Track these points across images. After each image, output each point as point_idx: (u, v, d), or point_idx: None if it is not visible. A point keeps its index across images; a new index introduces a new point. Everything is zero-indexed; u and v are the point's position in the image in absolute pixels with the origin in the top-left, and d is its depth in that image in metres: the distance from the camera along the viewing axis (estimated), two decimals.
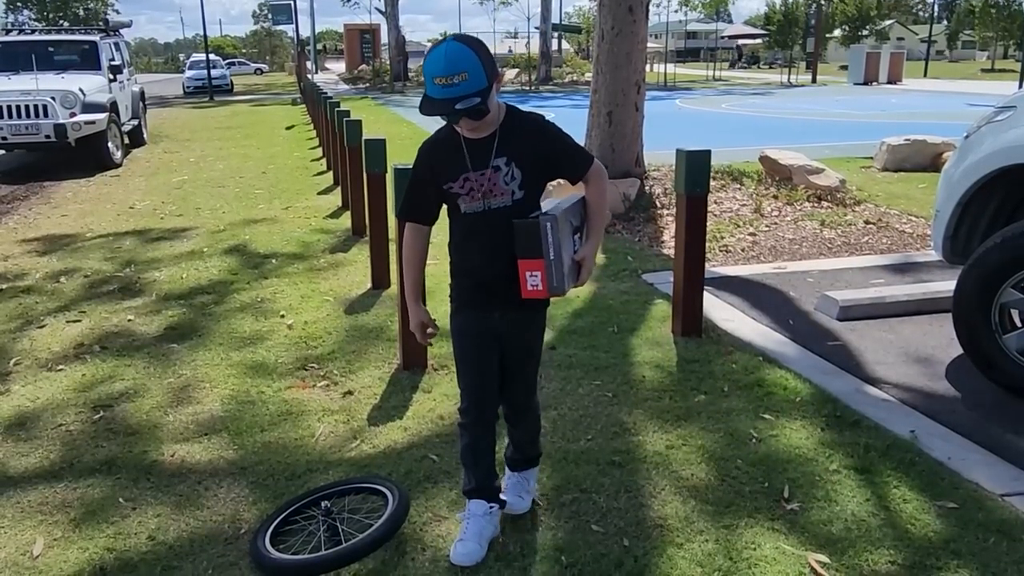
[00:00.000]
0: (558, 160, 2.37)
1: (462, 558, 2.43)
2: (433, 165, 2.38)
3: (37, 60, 11.50)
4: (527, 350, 2.55)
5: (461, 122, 2.26)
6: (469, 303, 2.50)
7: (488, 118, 2.26)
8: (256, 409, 3.59)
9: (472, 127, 2.28)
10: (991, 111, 4.07)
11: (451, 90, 2.13)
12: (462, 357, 2.52)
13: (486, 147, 2.31)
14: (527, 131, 2.33)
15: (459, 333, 2.52)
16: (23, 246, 6.86)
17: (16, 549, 2.60)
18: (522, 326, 2.50)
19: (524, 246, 2.28)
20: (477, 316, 2.48)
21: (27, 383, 3.92)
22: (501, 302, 2.42)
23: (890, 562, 2.46)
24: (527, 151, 2.31)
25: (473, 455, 2.53)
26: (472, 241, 2.44)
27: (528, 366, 2.58)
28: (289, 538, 2.58)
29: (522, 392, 2.59)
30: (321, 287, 5.44)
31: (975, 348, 3.69)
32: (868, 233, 6.71)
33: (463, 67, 2.12)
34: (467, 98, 2.13)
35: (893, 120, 16.79)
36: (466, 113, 2.17)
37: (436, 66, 2.14)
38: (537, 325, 2.55)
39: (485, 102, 2.16)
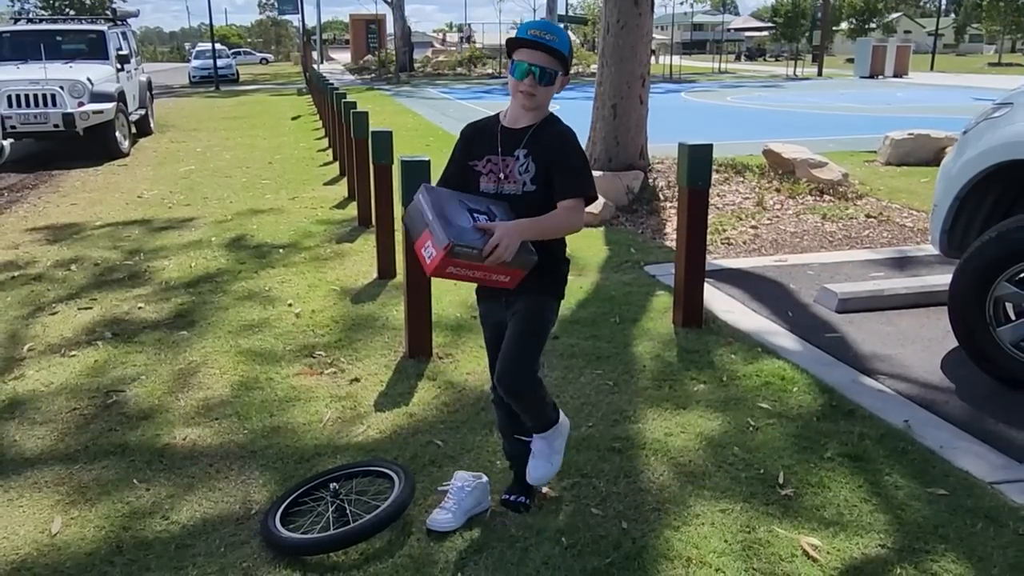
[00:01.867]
0: (558, 170, 2.40)
1: (434, 524, 2.60)
2: (468, 145, 2.54)
3: (45, 49, 11.57)
4: (514, 323, 2.48)
5: (523, 83, 2.37)
6: (483, 294, 2.65)
7: (538, 101, 2.40)
8: (265, 395, 3.67)
9: (528, 94, 2.38)
10: (989, 107, 4.13)
11: (542, 40, 2.34)
12: (486, 342, 2.71)
13: (516, 137, 2.44)
14: (554, 135, 2.44)
15: (480, 319, 2.73)
16: (33, 234, 6.95)
17: (35, 527, 2.69)
18: (520, 305, 2.50)
19: (411, 226, 2.36)
20: (489, 306, 2.64)
21: (41, 368, 4.01)
22: (507, 291, 2.48)
23: (880, 545, 2.54)
24: (545, 151, 2.42)
25: (501, 429, 2.78)
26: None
27: (514, 339, 2.46)
28: (298, 518, 2.67)
29: (506, 368, 2.44)
30: (328, 276, 5.52)
31: (970, 340, 3.76)
32: (869, 227, 6.76)
33: (557, 34, 2.37)
34: (551, 55, 2.34)
35: (898, 114, 16.80)
36: (539, 71, 2.34)
37: (535, 24, 2.41)
38: (535, 304, 2.50)
39: (555, 76, 2.37)
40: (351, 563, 2.48)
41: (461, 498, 2.67)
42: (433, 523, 2.62)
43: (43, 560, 2.52)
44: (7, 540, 2.62)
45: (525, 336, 2.47)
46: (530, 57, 2.35)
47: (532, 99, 2.39)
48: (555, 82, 2.39)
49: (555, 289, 2.56)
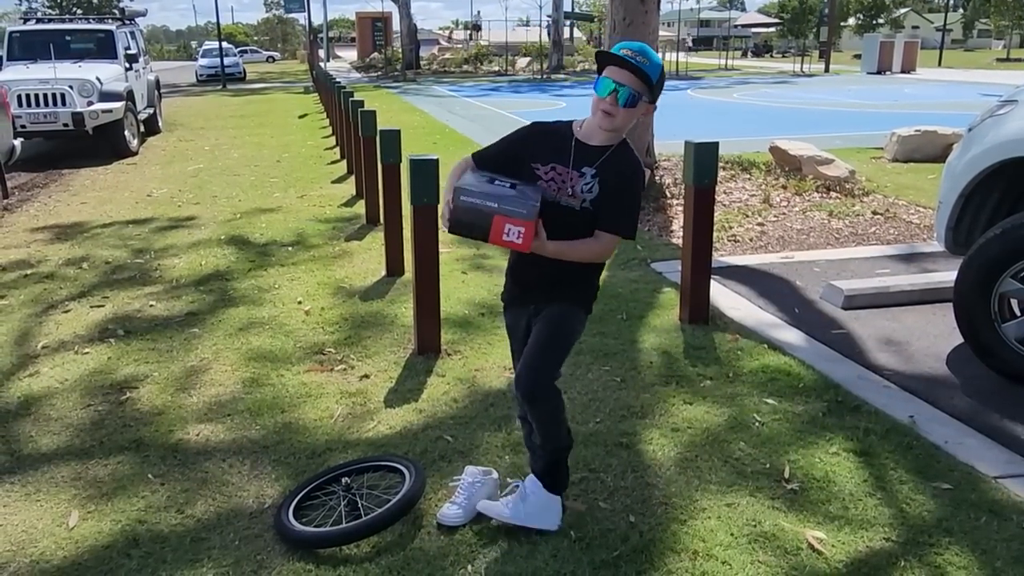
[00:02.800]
0: (614, 202, 2.38)
1: (444, 517, 2.65)
2: (533, 144, 2.47)
3: (55, 49, 11.65)
4: (541, 328, 2.50)
5: (604, 100, 2.32)
6: (510, 302, 2.68)
7: (616, 123, 2.35)
8: (275, 391, 3.72)
9: (608, 115, 2.33)
10: (994, 104, 4.15)
11: (633, 60, 2.29)
12: (513, 353, 2.74)
13: (590, 155, 2.39)
14: (626, 167, 2.41)
15: (508, 330, 2.76)
16: (44, 233, 7.01)
17: (52, 521, 2.74)
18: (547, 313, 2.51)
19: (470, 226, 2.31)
20: (516, 314, 2.67)
21: (55, 365, 4.07)
22: (536, 299, 2.53)
23: (884, 539, 2.58)
24: (612, 178, 2.38)
25: (528, 445, 2.74)
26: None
27: (537, 344, 2.48)
28: (311, 512, 2.71)
29: (524, 372, 2.47)
30: (337, 274, 5.56)
31: (975, 336, 3.78)
32: (876, 224, 6.78)
33: (650, 58, 2.32)
34: (639, 78, 2.29)
35: (905, 110, 16.77)
36: (623, 91, 2.29)
37: (631, 44, 2.34)
38: (563, 313, 2.50)
39: (639, 100, 2.32)
40: (363, 556, 2.52)
41: (471, 493, 2.70)
42: (443, 517, 2.66)
43: (61, 553, 2.57)
44: (25, 534, 2.67)
45: (548, 342, 2.48)
46: (618, 76, 2.30)
47: (610, 120, 2.33)
48: (637, 106, 2.32)
49: (585, 300, 2.55)
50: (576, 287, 2.50)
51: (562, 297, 2.50)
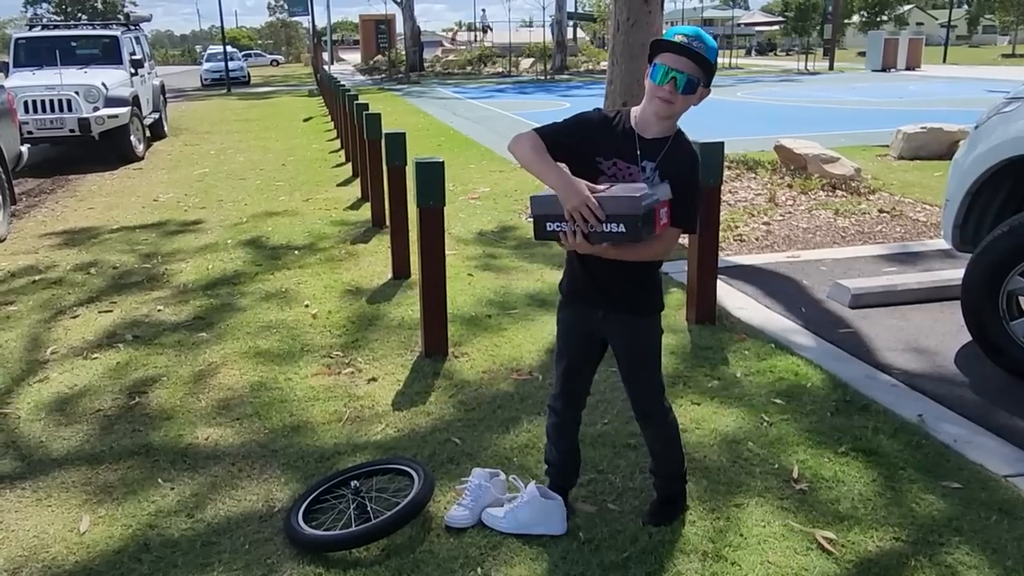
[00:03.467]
0: (678, 196, 2.32)
1: (452, 520, 2.66)
2: (596, 134, 2.39)
3: (60, 55, 11.69)
4: (627, 357, 2.53)
5: (662, 88, 2.25)
6: (574, 298, 2.53)
7: (674, 110, 2.29)
8: (284, 395, 3.73)
9: (666, 101, 2.27)
10: (1001, 101, 4.14)
11: (690, 47, 2.23)
12: (566, 348, 2.61)
13: (651, 149, 2.33)
14: (686, 158, 2.35)
15: (561, 323, 2.61)
16: (52, 239, 7.04)
17: (64, 526, 2.75)
18: (626, 332, 2.49)
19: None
20: (579, 312, 2.53)
21: (64, 370, 4.08)
22: (605, 301, 2.45)
23: (894, 539, 2.57)
24: (673, 171, 2.32)
25: (557, 432, 2.71)
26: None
27: (632, 373, 2.55)
28: (320, 516, 2.72)
29: (640, 397, 2.58)
30: (343, 277, 5.57)
31: (983, 335, 3.77)
32: (882, 222, 6.77)
33: (706, 42, 2.26)
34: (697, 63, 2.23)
35: (910, 107, 16.73)
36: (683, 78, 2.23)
37: (686, 29, 2.27)
38: (644, 331, 2.51)
39: (698, 86, 2.26)
40: (373, 559, 2.53)
41: (479, 495, 2.71)
42: (451, 519, 2.67)
43: (73, 558, 2.58)
44: (37, 539, 2.69)
45: (646, 361, 2.54)
46: (674, 63, 2.22)
47: (669, 107, 2.27)
48: (695, 92, 2.27)
49: (656, 303, 2.51)
50: (645, 288, 2.45)
51: (634, 304, 2.44)
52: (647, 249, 2.31)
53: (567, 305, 2.57)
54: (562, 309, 2.60)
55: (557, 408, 2.68)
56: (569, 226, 2.22)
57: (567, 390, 2.65)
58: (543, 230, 2.29)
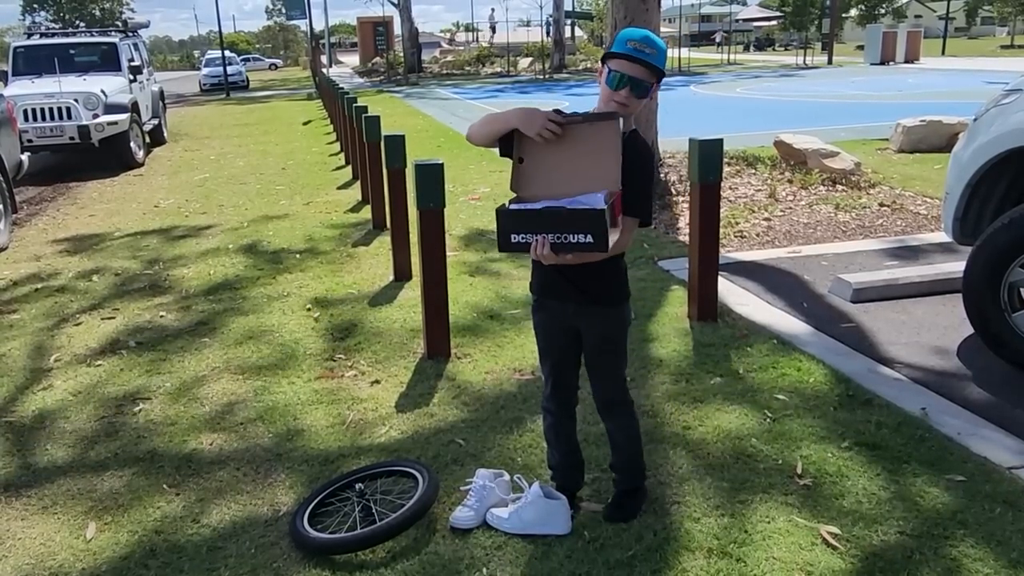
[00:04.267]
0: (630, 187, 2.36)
1: (456, 521, 2.66)
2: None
3: (59, 63, 11.71)
4: (594, 345, 2.57)
5: (618, 93, 2.33)
6: (544, 294, 2.57)
7: (629, 111, 2.37)
8: (287, 398, 3.74)
9: (623, 105, 2.34)
10: (999, 93, 4.13)
11: (641, 54, 2.31)
12: (540, 348, 2.68)
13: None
14: (639, 152, 2.40)
15: (537, 325, 2.66)
16: (54, 246, 7.06)
17: (70, 533, 2.76)
18: (597, 322, 2.53)
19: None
20: (552, 310, 2.57)
21: (68, 378, 4.09)
22: (574, 294, 2.48)
23: (899, 532, 2.57)
24: (628, 162, 2.35)
25: (555, 433, 2.74)
26: None
27: (598, 361, 2.60)
28: (326, 519, 2.73)
29: (603, 386, 2.63)
30: (344, 280, 5.58)
31: (985, 327, 3.77)
32: (883, 216, 6.76)
33: (657, 47, 2.34)
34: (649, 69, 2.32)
35: (910, 100, 16.71)
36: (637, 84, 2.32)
37: (636, 34, 2.35)
38: (606, 320, 2.54)
39: (649, 89, 2.36)
40: (379, 561, 2.53)
41: (483, 495, 2.72)
42: (456, 521, 2.68)
43: (79, 565, 2.59)
44: (44, 547, 2.69)
45: (610, 348, 2.57)
46: (627, 69, 2.31)
47: (625, 109, 2.35)
48: (648, 95, 2.37)
49: (624, 293, 2.55)
50: (612, 279, 2.49)
51: (603, 295, 2.48)
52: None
53: (540, 306, 2.61)
54: (536, 312, 2.64)
55: (551, 408, 2.72)
56: (537, 238, 2.24)
57: (557, 389, 2.68)
58: (508, 242, 2.31)
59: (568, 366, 2.66)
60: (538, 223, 2.24)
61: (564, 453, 2.76)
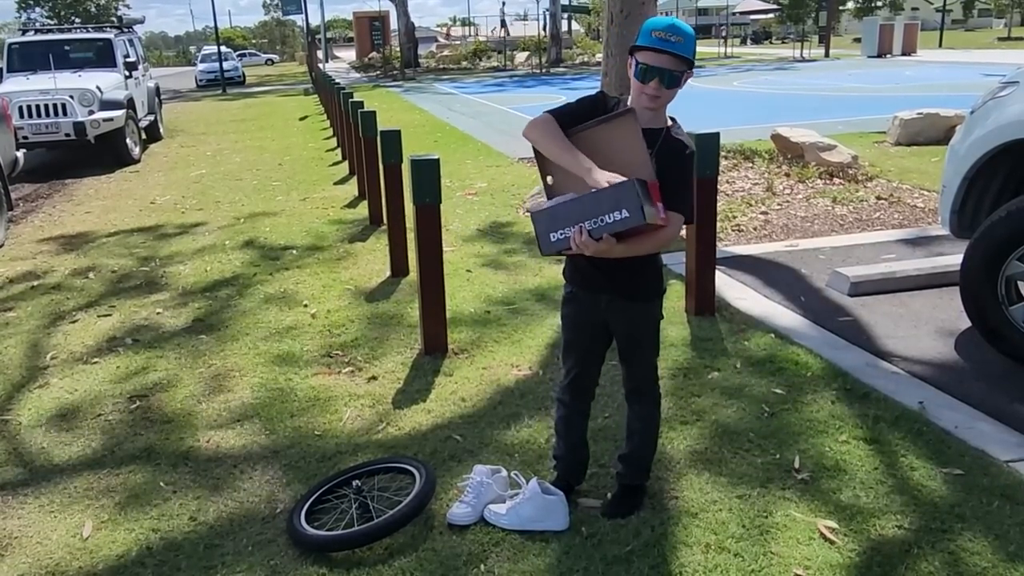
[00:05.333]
0: (674, 183, 2.35)
1: (454, 517, 2.66)
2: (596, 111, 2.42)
3: (54, 59, 11.67)
4: (627, 339, 2.59)
5: (647, 86, 2.30)
6: (580, 284, 2.55)
7: (662, 103, 2.34)
8: (285, 396, 3.73)
9: (654, 97, 2.32)
10: (996, 85, 4.12)
11: (667, 44, 2.27)
12: (566, 341, 2.68)
13: (651, 137, 2.35)
14: (681, 147, 2.39)
15: (565, 318, 2.64)
16: (49, 244, 7.04)
17: (67, 531, 2.76)
18: (629, 316, 2.54)
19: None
20: (582, 302, 2.56)
21: (65, 376, 4.08)
22: (610, 287, 2.47)
23: (897, 526, 2.57)
24: (668, 159, 2.35)
25: (565, 425, 2.76)
26: None
27: (631, 354, 2.61)
28: (323, 516, 2.72)
29: (634, 375, 2.65)
30: (341, 276, 5.57)
31: (982, 320, 3.77)
32: (880, 209, 6.76)
33: (683, 33, 2.29)
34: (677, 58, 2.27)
35: (907, 93, 16.70)
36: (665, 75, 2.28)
37: (661, 23, 2.31)
38: (646, 316, 2.56)
39: (680, 78, 2.31)
40: (376, 558, 2.53)
41: (481, 492, 2.71)
42: (453, 517, 2.67)
43: (76, 563, 2.59)
44: (41, 545, 2.69)
45: (645, 342, 2.60)
46: (654, 60, 2.28)
47: (657, 101, 2.33)
48: (680, 83, 2.33)
49: (657, 289, 2.55)
50: (646, 274, 2.48)
51: (637, 289, 2.48)
52: (652, 239, 2.33)
53: (572, 298, 2.59)
54: (566, 303, 2.62)
55: (565, 400, 2.73)
56: (573, 230, 2.23)
57: (576, 382, 2.69)
58: (548, 243, 2.30)
59: (592, 362, 2.67)
60: (571, 214, 2.24)
61: (571, 447, 2.77)
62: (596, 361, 2.68)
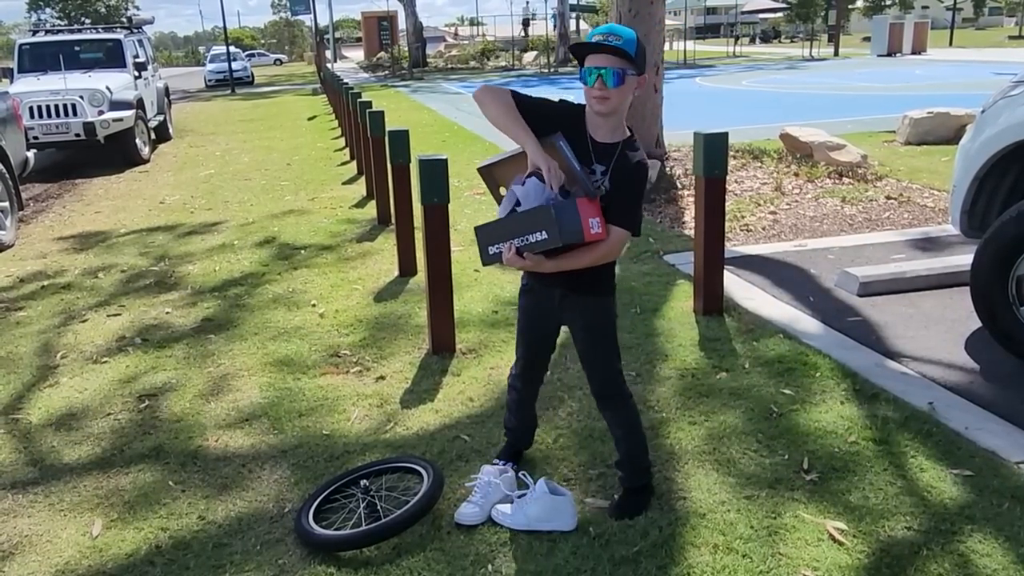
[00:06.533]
0: (623, 199, 2.41)
1: (462, 517, 2.68)
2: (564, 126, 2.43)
3: (64, 60, 11.73)
4: (583, 334, 2.63)
5: (593, 88, 2.34)
6: (533, 275, 2.64)
7: (612, 104, 2.36)
8: (293, 395, 3.74)
9: (601, 99, 2.35)
10: (1007, 84, 4.10)
11: (605, 42, 2.33)
12: (519, 328, 2.81)
13: (603, 153, 2.41)
14: (636, 166, 2.43)
15: (521, 309, 2.78)
16: (60, 243, 7.07)
17: (76, 530, 2.77)
18: (582, 312, 2.60)
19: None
20: (538, 299, 2.67)
21: (74, 375, 4.10)
22: (561, 281, 2.54)
23: (906, 528, 2.56)
24: (621, 175, 2.40)
25: (518, 405, 2.93)
26: None
27: (591, 353, 2.65)
28: (331, 515, 2.73)
29: (597, 379, 2.68)
30: (350, 276, 5.58)
31: (993, 320, 3.75)
32: (889, 208, 6.73)
33: (622, 35, 2.35)
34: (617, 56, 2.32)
35: (917, 92, 16.62)
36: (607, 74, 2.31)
37: (600, 28, 2.40)
38: (593, 310, 2.60)
39: (624, 77, 2.33)
40: (384, 557, 2.53)
41: (488, 492, 2.71)
42: (461, 517, 2.67)
43: (86, 562, 2.60)
44: (50, 544, 2.70)
45: (601, 342, 2.63)
46: (598, 62, 2.33)
47: (606, 102, 2.35)
48: (625, 82, 2.34)
49: (610, 287, 2.61)
50: (599, 271, 2.52)
51: (589, 285, 2.54)
52: (589, 254, 2.40)
53: (528, 290, 2.71)
54: (523, 295, 2.74)
55: (518, 386, 2.88)
56: (504, 246, 2.38)
57: (527, 370, 2.84)
58: (487, 255, 2.47)
59: (542, 351, 2.80)
60: (504, 231, 2.40)
61: (522, 419, 2.96)
62: (546, 352, 2.81)
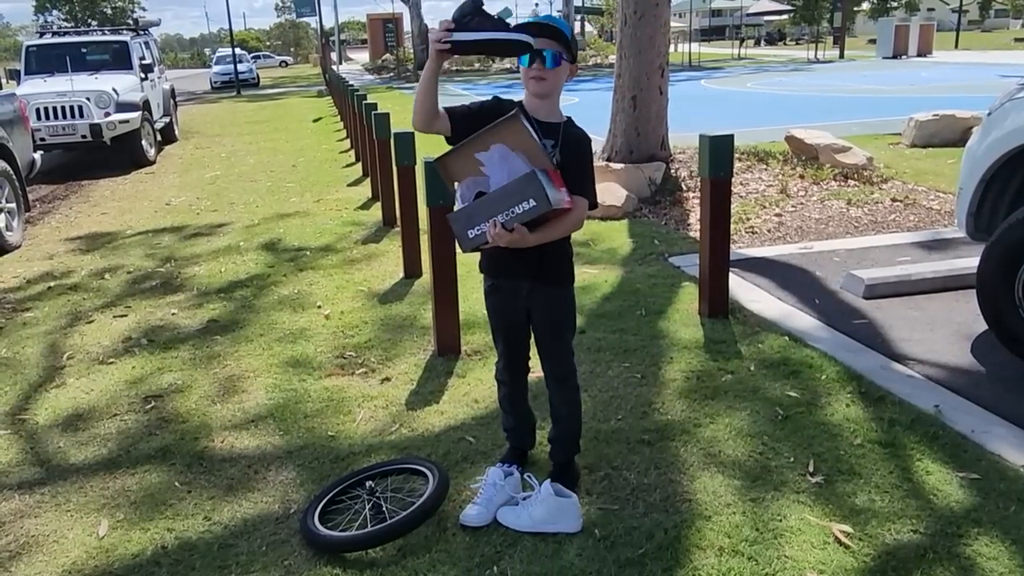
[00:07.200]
0: (579, 169, 2.55)
1: (467, 518, 2.68)
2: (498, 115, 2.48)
3: (71, 61, 11.78)
4: (548, 324, 2.73)
5: (531, 69, 2.45)
6: (498, 270, 2.72)
7: (548, 86, 2.48)
8: (299, 397, 3.74)
9: (538, 79, 2.46)
10: (1014, 86, 4.09)
11: (542, 28, 2.46)
12: (493, 328, 2.89)
13: (547, 129, 2.52)
14: (581, 137, 2.58)
15: (490, 308, 2.83)
16: (67, 244, 7.10)
17: (83, 531, 2.78)
18: (548, 302, 2.70)
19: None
20: (505, 289, 2.73)
21: (81, 376, 4.12)
22: (528, 273, 2.63)
23: (912, 531, 2.55)
24: (571, 147, 2.55)
25: (510, 402, 2.94)
26: None
27: (552, 340, 2.75)
28: (336, 516, 2.73)
29: (556, 362, 2.78)
30: (355, 278, 5.59)
31: (999, 323, 3.74)
32: (895, 211, 6.72)
33: (557, 21, 2.51)
34: (553, 38, 2.45)
35: (922, 94, 16.60)
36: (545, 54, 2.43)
37: (539, 18, 2.55)
38: (558, 301, 2.71)
39: (560, 59, 2.46)
40: (389, 559, 2.53)
41: (493, 493, 2.71)
42: (466, 518, 2.68)
43: (92, 563, 2.61)
44: (57, 544, 2.71)
45: (562, 329, 2.74)
46: (537, 44, 2.43)
47: (543, 83, 2.47)
48: (561, 65, 2.46)
49: (570, 276, 2.72)
50: (562, 260, 2.66)
51: (554, 276, 2.66)
52: (561, 224, 2.50)
53: (495, 289, 2.76)
54: (489, 295, 2.79)
55: (505, 380, 2.91)
56: (487, 224, 2.39)
57: (510, 363, 2.87)
58: (467, 239, 2.47)
59: (520, 344, 2.84)
60: (485, 211, 2.40)
61: (518, 415, 2.96)
62: (524, 341, 2.84)
